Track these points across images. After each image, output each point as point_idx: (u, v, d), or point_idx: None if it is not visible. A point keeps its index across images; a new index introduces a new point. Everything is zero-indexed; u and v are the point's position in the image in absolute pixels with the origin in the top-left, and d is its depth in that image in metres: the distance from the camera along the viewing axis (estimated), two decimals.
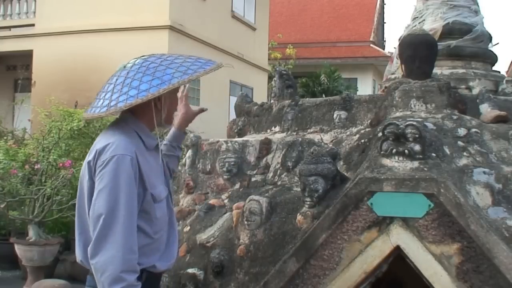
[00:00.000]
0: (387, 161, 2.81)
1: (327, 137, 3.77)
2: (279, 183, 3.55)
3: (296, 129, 4.04)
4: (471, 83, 4.31)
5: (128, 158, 1.98)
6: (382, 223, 2.74)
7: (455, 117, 3.27)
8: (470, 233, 2.57)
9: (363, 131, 3.59)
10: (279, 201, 3.21)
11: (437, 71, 4.25)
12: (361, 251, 2.76)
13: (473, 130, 3.17)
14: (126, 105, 1.98)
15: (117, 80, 2.06)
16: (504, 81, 4.41)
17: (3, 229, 7.51)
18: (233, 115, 5.10)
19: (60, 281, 5.49)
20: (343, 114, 3.87)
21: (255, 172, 3.72)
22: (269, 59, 17.77)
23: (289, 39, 20.20)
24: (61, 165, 6.43)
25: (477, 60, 4.53)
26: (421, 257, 2.66)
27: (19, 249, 6.19)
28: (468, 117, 3.33)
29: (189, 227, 3.48)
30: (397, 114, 3.35)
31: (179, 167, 3.84)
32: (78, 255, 2.10)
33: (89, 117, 2.09)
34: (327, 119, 3.94)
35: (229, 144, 3.83)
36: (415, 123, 2.80)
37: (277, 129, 4.20)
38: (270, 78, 15.60)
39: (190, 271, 3.19)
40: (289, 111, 4.14)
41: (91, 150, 2.08)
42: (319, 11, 23.51)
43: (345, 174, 3.17)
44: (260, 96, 15.05)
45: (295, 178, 3.40)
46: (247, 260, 3.07)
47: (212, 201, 3.61)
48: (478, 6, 4.72)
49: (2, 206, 6.32)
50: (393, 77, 4.52)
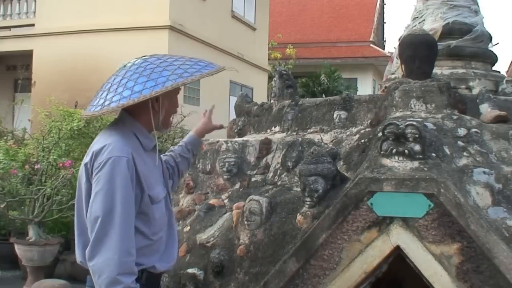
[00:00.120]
0: (387, 161, 2.81)
1: (327, 137, 3.77)
2: (279, 183, 3.55)
3: (296, 129, 4.04)
4: (471, 83, 4.31)
5: (124, 159, 1.98)
6: (382, 223, 2.74)
7: (455, 117, 3.27)
8: (470, 233, 2.57)
9: (363, 131, 3.59)
10: (279, 201, 3.21)
11: (437, 71, 4.25)
12: (361, 251, 2.76)
13: (473, 130, 3.17)
14: (118, 106, 1.97)
15: (115, 79, 2.06)
16: (504, 81, 4.41)
17: (3, 229, 7.51)
18: (233, 115, 5.09)
19: (60, 281, 5.50)
20: (343, 114, 3.86)
21: (255, 172, 3.72)
22: (269, 59, 17.78)
23: (289, 39, 20.21)
24: (61, 165, 6.43)
25: (477, 60, 4.53)
26: (421, 257, 2.66)
27: (19, 249, 6.19)
28: (468, 117, 3.33)
29: (189, 227, 3.48)
30: (397, 114, 3.35)
31: None
32: (77, 256, 2.11)
33: (85, 115, 2.09)
34: (327, 119, 3.94)
35: (229, 144, 3.83)
36: (415, 123, 2.79)
37: (277, 129, 4.19)
38: (270, 78, 15.60)
39: (190, 271, 3.19)
40: (289, 111, 4.13)
41: (88, 151, 2.08)
42: (319, 11, 23.52)
43: (345, 174, 3.17)
44: (260, 96, 15.06)
45: (295, 178, 3.40)
46: (247, 260, 3.07)
47: (212, 201, 3.61)
48: (478, 6, 4.72)
49: (2, 206, 6.31)
50: (393, 77, 4.52)
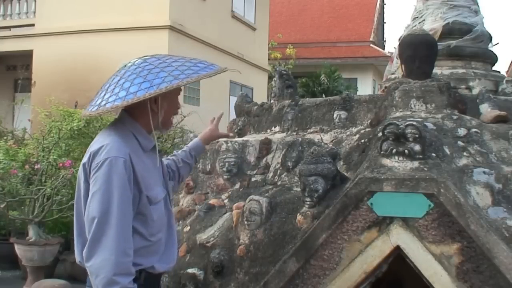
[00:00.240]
0: (387, 161, 2.81)
1: (327, 137, 3.76)
2: (279, 183, 3.55)
3: (296, 129, 4.04)
4: (471, 83, 4.30)
5: (121, 160, 1.97)
6: (382, 223, 2.74)
7: (455, 117, 3.27)
8: (470, 233, 2.56)
9: (363, 131, 3.59)
10: (279, 201, 3.21)
11: (437, 71, 4.25)
12: (361, 251, 2.76)
13: (473, 130, 3.17)
14: (112, 107, 1.96)
15: (114, 79, 2.06)
16: (504, 81, 4.41)
17: (3, 229, 7.51)
18: (233, 115, 5.09)
19: (60, 281, 5.49)
20: (343, 114, 3.86)
21: (255, 172, 3.72)
22: (269, 59, 17.78)
23: (289, 39, 20.22)
24: (61, 165, 6.43)
25: (477, 60, 4.52)
26: (421, 257, 2.66)
27: (19, 249, 6.19)
28: (468, 117, 3.33)
29: (189, 227, 3.48)
30: (397, 114, 3.35)
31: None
32: (77, 256, 2.11)
33: (84, 115, 2.10)
34: (327, 119, 3.93)
35: (229, 144, 3.83)
36: (415, 123, 2.79)
37: (277, 129, 4.19)
38: (270, 78, 15.61)
39: (190, 271, 3.19)
40: (289, 111, 4.13)
41: (86, 152, 2.08)
42: (319, 11, 23.52)
43: (345, 174, 3.17)
44: (260, 96, 15.06)
45: (295, 178, 3.40)
46: (247, 260, 3.07)
47: (212, 201, 3.61)
48: (478, 6, 4.72)
49: (2, 206, 6.32)
50: (393, 77, 4.52)
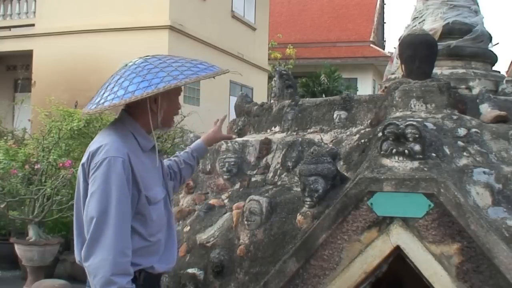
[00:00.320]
0: (387, 161, 2.81)
1: (327, 137, 3.76)
2: (279, 183, 3.55)
3: (296, 129, 4.04)
4: (471, 83, 4.30)
5: (119, 160, 1.97)
6: (382, 223, 2.74)
7: (455, 117, 3.27)
8: (470, 233, 2.56)
9: (363, 131, 3.58)
10: (279, 201, 3.21)
11: (437, 71, 4.25)
12: (361, 251, 2.76)
13: (473, 130, 3.17)
14: (110, 105, 1.96)
15: (114, 78, 2.06)
16: (504, 81, 4.41)
17: (3, 229, 7.51)
18: (233, 115, 5.09)
19: (60, 281, 5.49)
20: (343, 114, 3.86)
21: (255, 172, 3.72)
22: (269, 59, 17.78)
23: (289, 39, 20.22)
24: (61, 165, 6.43)
25: (477, 60, 4.52)
26: (421, 257, 2.66)
27: (19, 249, 6.19)
28: (468, 117, 3.33)
29: (189, 227, 3.48)
30: (397, 114, 3.35)
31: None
32: (76, 255, 2.10)
33: (83, 113, 2.10)
34: (327, 119, 3.93)
35: (229, 144, 3.83)
36: (415, 123, 2.79)
37: (277, 129, 4.19)
38: (270, 78, 15.60)
39: (190, 271, 3.19)
40: (289, 111, 4.13)
41: (86, 151, 2.08)
42: (319, 11, 23.52)
43: (345, 174, 3.17)
44: (260, 96, 15.05)
45: (295, 178, 3.40)
46: (247, 260, 3.07)
47: (212, 201, 3.61)
48: (478, 6, 4.72)
49: (2, 206, 6.32)
50: (393, 77, 4.52)
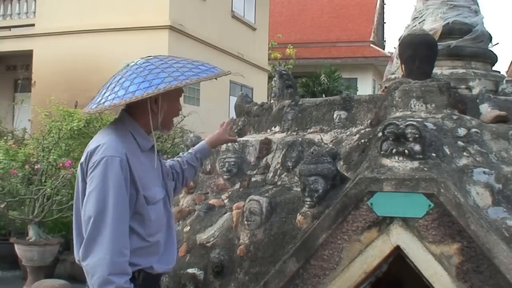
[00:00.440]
0: (387, 161, 2.80)
1: (327, 137, 3.76)
2: (279, 183, 3.55)
3: (296, 129, 4.04)
4: (471, 83, 4.30)
5: (117, 159, 1.97)
6: (382, 223, 2.74)
7: (455, 117, 3.27)
8: (470, 233, 2.56)
9: (363, 131, 3.58)
10: (279, 201, 3.21)
11: (437, 71, 4.25)
12: (361, 251, 2.76)
13: (473, 130, 3.17)
14: (110, 105, 1.96)
15: (115, 78, 2.06)
16: (504, 81, 4.41)
17: (3, 229, 7.51)
18: (233, 115, 5.10)
19: (60, 281, 5.49)
20: (343, 114, 3.86)
21: (255, 172, 3.72)
22: (269, 59, 17.78)
23: (289, 39, 20.22)
24: (61, 165, 6.43)
25: (477, 60, 4.52)
26: (421, 257, 2.66)
27: (19, 249, 6.20)
28: (468, 117, 3.33)
29: (189, 227, 3.48)
30: (397, 114, 3.35)
31: None
32: (76, 255, 2.10)
33: (84, 112, 2.09)
34: (327, 119, 3.93)
35: (229, 144, 3.83)
36: (415, 123, 2.79)
37: (277, 129, 4.19)
38: (270, 78, 15.61)
39: (190, 271, 3.19)
40: (289, 111, 4.13)
41: (84, 151, 2.08)
42: (319, 11, 23.52)
43: (345, 174, 3.17)
44: (260, 96, 15.06)
45: (295, 178, 3.40)
46: (247, 260, 3.07)
47: (212, 201, 3.61)
48: (478, 6, 4.72)
49: (2, 206, 6.32)
50: (393, 77, 4.51)
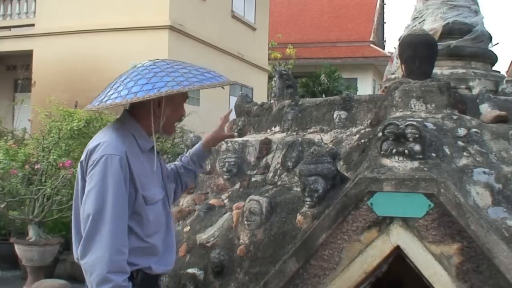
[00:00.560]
0: (387, 161, 2.81)
1: (327, 137, 3.76)
2: (279, 183, 3.55)
3: (296, 129, 4.04)
4: (471, 83, 4.31)
5: (117, 158, 1.97)
6: (382, 223, 2.74)
7: (455, 117, 3.27)
8: (470, 233, 2.57)
9: (363, 131, 3.59)
10: (279, 201, 3.21)
11: (437, 71, 4.25)
12: (361, 251, 2.76)
13: (473, 130, 3.17)
14: (112, 104, 1.97)
15: (121, 78, 2.07)
16: (504, 81, 4.41)
17: (3, 229, 7.51)
18: (233, 115, 5.09)
19: (60, 281, 5.49)
20: (343, 114, 3.86)
21: (255, 172, 3.72)
22: (269, 59, 17.78)
23: (289, 39, 20.22)
24: (61, 165, 6.44)
25: (477, 60, 4.53)
26: (421, 257, 2.66)
27: (19, 249, 6.19)
28: (468, 117, 3.33)
29: (189, 227, 3.48)
30: (397, 114, 3.35)
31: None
32: (74, 253, 2.10)
33: (86, 109, 2.10)
34: (327, 119, 3.93)
35: (229, 144, 3.83)
36: (415, 123, 2.79)
37: (277, 129, 4.19)
38: (270, 78, 15.61)
39: (190, 271, 3.19)
40: (289, 111, 4.13)
41: (85, 150, 2.08)
42: (319, 11, 23.52)
43: (345, 174, 3.17)
44: (260, 96, 15.05)
45: (295, 178, 3.40)
46: (247, 260, 3.07)
47: (212, 201, 3.61)
48: (478, 6, 4.72)
49: (2, 206, 6.32)
50: (393, 77, 4.52)
